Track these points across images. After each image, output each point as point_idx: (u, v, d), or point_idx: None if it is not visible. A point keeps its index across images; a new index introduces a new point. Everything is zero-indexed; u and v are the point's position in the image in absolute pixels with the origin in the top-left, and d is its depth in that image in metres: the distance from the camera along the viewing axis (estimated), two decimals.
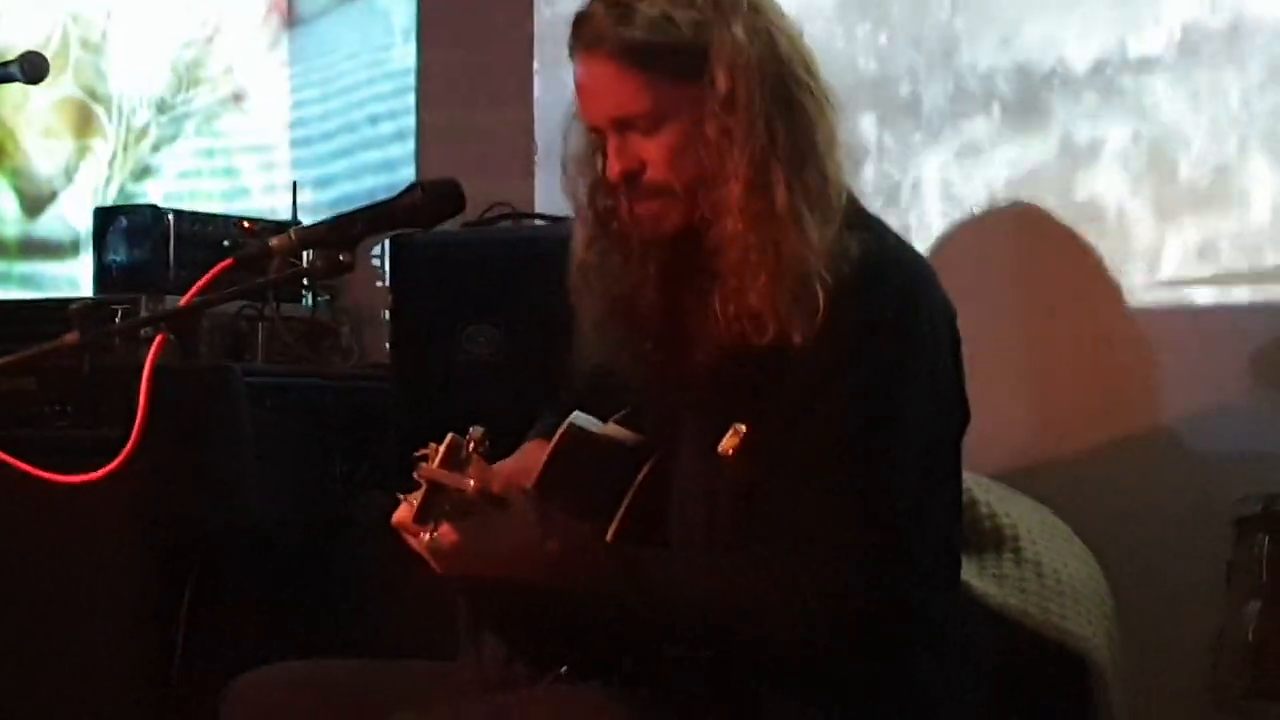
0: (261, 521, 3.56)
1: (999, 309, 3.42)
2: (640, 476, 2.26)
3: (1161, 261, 3.29)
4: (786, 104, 2.16)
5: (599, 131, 2.23)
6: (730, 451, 2.18)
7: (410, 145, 4.47)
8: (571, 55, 2.22)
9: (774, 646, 2.13)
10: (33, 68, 3.47)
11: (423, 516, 2.02)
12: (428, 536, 2.02)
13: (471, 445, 2.02)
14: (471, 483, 1.99)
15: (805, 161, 2.15)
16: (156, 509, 3.42)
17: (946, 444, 2.28)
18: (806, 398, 2.12)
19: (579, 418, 2.30)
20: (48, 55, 3.43)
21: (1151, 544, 3.17)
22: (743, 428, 2.17)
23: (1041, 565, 2.91)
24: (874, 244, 2.17)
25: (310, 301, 4.06)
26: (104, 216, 4.07)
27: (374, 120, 4.59)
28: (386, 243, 3.93)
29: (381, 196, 2.33)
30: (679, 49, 2.15)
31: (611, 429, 2.31)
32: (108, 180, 5.04)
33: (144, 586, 3.51)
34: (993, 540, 2.93)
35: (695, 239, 2.19)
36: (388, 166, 4.52)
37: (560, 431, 2.29)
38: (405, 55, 4.50)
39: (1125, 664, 2.96)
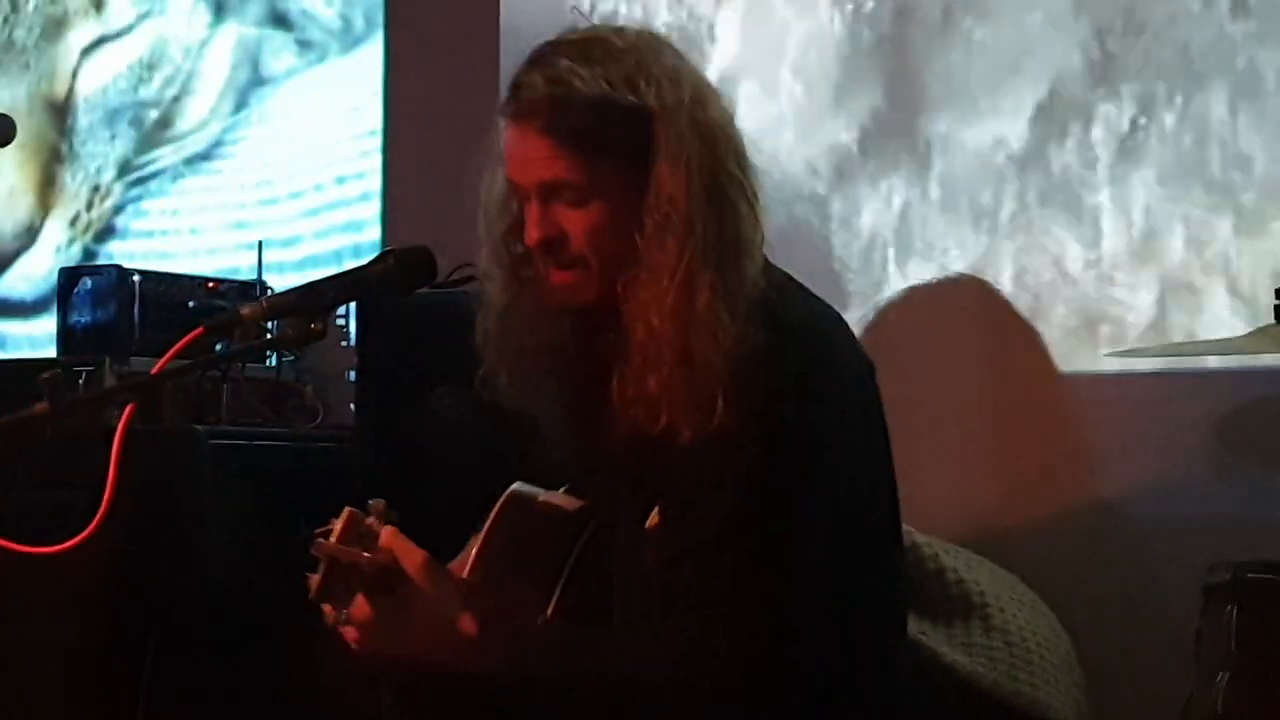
0: (225, 585, 3.52)
1: (962, 375, 3.43)
2: (581, 542, 2.25)
3: (1125, 328, 3.30)
4: (720, 203, 2.15)
5: (523, 191, 2.22)
6: (653, 526, 2.19)
7: (377, 206, 4.47)
8: (501, 116, 2.22)
9: None
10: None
11: (321, 595, 2.00)
12: (331, 617, 2.01)
13: (372, 519, 2.00)
14: (365, 555, 1.96)
15: (727, 261, 2.14)
16: (118, 573, 3.37)
17: (873, 501, 2.25)
18: (713, 474, 2.11)
19: (520, 486, 2.31)
20: (14, 115, 3.41)
21: (1119, 611, 3.17)
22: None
23: (1010, 633, 2.90)
24: (777, 316, 2.15)
25: (275, 362, 4.04)
26: (68, 277, 4.05)
27: (341, 180, 4.59)
28: (353, 303, 3.93)
29: (348, 257, 2.33)
30: (615, 130, 2.14)
31: (553, 496, 2.31)
32: (71, 240, 5.02)
33: (104, 653, 3.47)
34: (961, 608, 2.93)
35: (610, 307, 2.19)
36: (354, 226, 4.52)
37: (501, 500, 2.29)
38: (372, 116, 4.50)
39: None
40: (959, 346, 3.44)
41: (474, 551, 2.25)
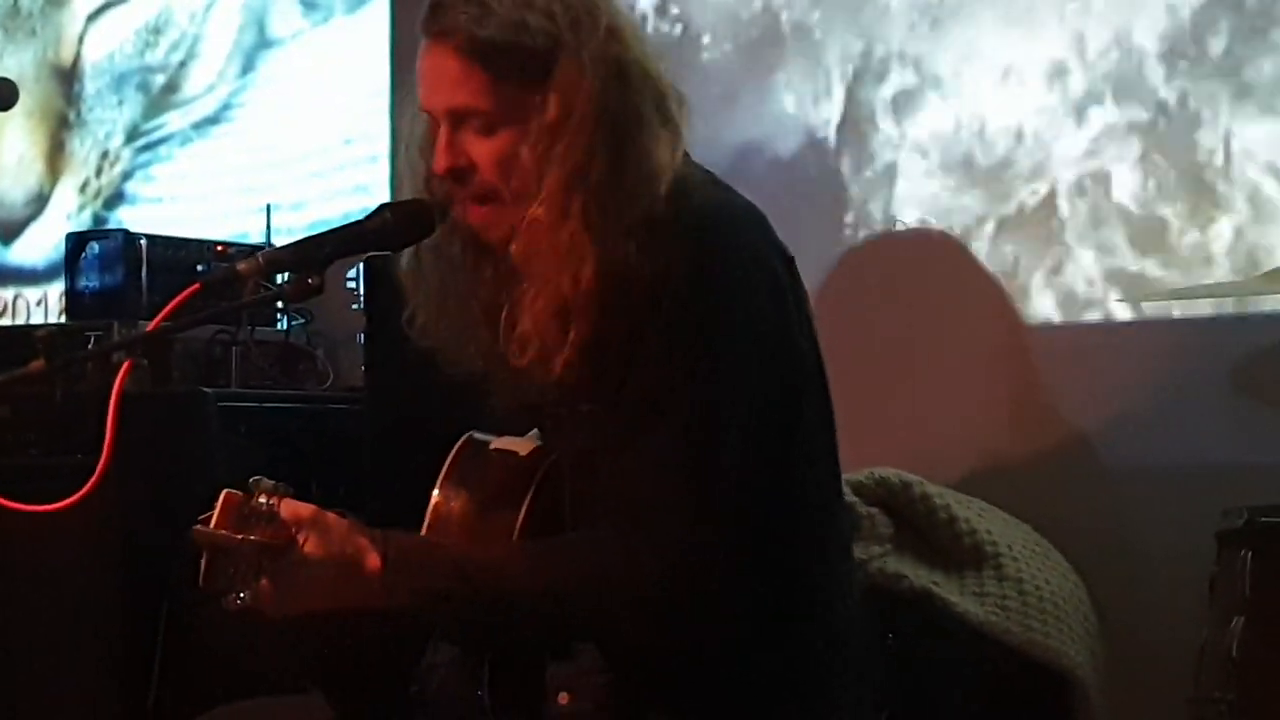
0: None
1: (973, 318, 3.42)
2: (536, 483, 2.23)
3: (1137, 274, 3.28)
4: (616, 139, 2.13)
5: (434, 118, 2.20)
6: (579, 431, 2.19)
7: (385, 168, 4.45)
8: (420, 35, 2.20)
9: (624, 621, 2.09)
10: (1, 95, 3.46)
11: (210, 582, 1.98)
12: (230, 603, 1.98)
13: (261, 497, 1.98)
14: (241, 538, 1.95)
15: (616, 194, 2.11)
16: (128, 536, 3.38)
17: (790, 388, 2.20)
18: (619, 371, 2.10)
19: (473, 434, 2.31)
20: (21, 82, 3.41)
21: (1134, 558, 3.15)
22: (585, 407, 2.18)
23: (1023, 582, 2.89)
24: (662, 218, 2.12)
25: (285, 325, 4.03)
26: (76, 242, 4.04)
27: (349, 142, 4.57)
28: (361, 265, 3.91)
29: (354, 219, 2.30)
30: (528, 57, 2.13)
31: (506, 441, 2.31)
32: (81, 207, 5.02)
33: (116, 616, 3.47)
34: (973, 557, 2.92)
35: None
36: (363, 189, 4.50)
37: (455, 450, 2.29)
38: (379, 76, 4.48)
39: (1108, 680, 2.95)
40: (969, 285, 3.42)
41: (430, 504, 2.24)
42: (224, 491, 1.99)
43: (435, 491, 2.25)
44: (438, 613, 2.10)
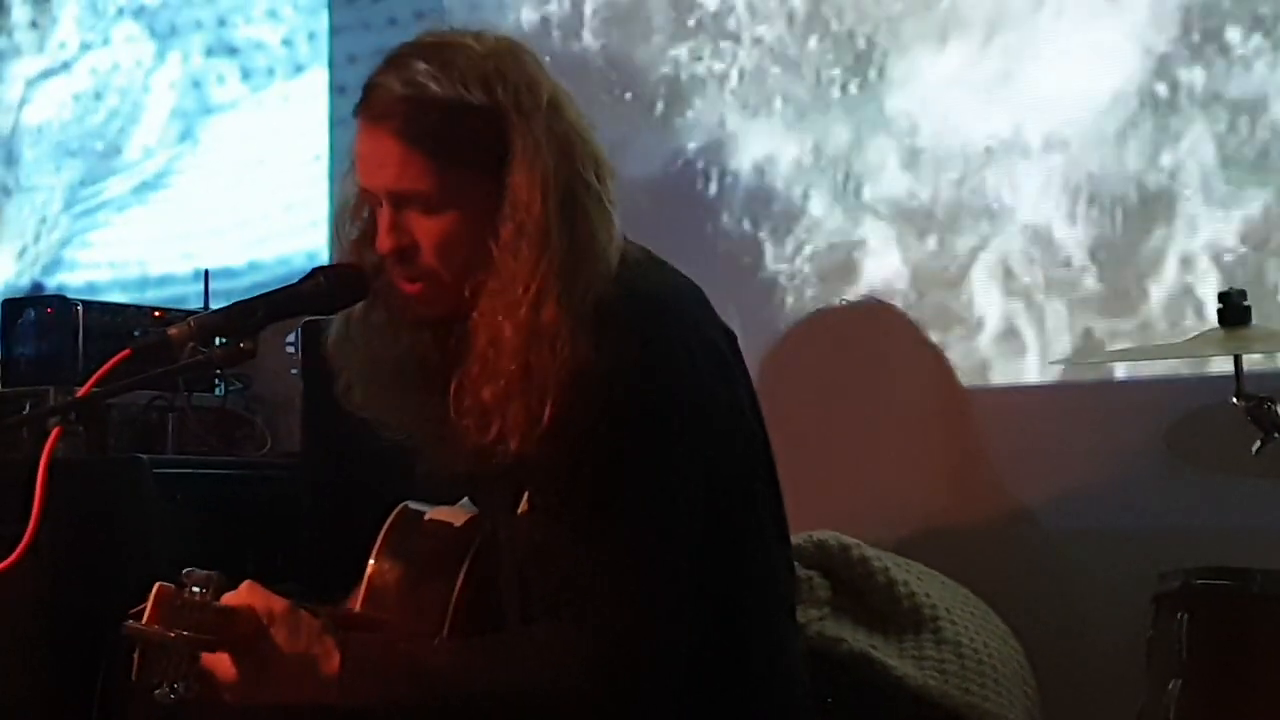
0: None
1: (910, 382, 3.43)
2: (471, 554, 2.23)
3: (1076, 336, 3.30)
4: (573, 213, 2.11)
5: (374, 197, 2.18)
6: (524, 513, 2.17)
7: (325, 233, 4.44)
8: (355, 117, 2.18)
9: (578, 714, 2.09)
10: None
11: (143, 676, 1.97)
12: (160, 696, 1.96)
13: (192, 589, 1.96)
14: (171, 634, 1.93)
15: (579, 272, 2.10)
16: (62, 605, 3.34)
17: (742, 468, 2.21)
18: (570, 455, 2.08)
19: (407, 505, 2.30)
20: None
21: (1071, 621, 3.16)
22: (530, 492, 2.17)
23: (961, 645, 2.89)
24: (615, 302, 2.11)
25: (222, 391, 4.00)
26: (11, 309, 4.01)
27: (288, 208, 4.57)
28: (299, 330, 3.90)
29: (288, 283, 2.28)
30: (470, 137, 2.11)
31: (440, 511, 2.29)
32: (19, 274, 4.99)
33: (50, 688, 3.42)
34: (912, 620, 2.92)
35: (464, 315, 2.16)
36: (303, 254, 4.49)
37: (389, 521, 2.28)
38: (318, 142, 4.48)
39: None
40: (903, 349, 3.43)
41: (365, 576, 2.22)
42: (156, 585, 1.97)
43: (371, 562, 2.24)
44: (394, 713, 2.09)
